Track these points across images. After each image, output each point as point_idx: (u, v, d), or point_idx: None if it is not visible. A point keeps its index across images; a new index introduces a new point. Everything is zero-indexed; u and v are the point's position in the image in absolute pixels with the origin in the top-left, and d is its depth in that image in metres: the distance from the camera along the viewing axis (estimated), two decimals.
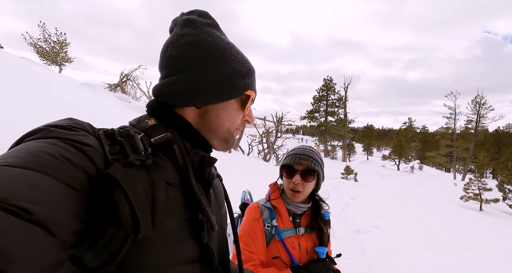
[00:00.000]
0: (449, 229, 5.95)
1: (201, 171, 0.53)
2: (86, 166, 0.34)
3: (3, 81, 5.06)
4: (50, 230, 0.27)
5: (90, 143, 0.37)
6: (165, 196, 0.41)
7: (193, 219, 0.47)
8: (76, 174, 0.33)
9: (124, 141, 0.40)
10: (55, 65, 20.28)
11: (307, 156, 1.08)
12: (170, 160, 0.47)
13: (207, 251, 0.48)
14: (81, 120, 0.42)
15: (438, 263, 3.79)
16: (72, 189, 0.31)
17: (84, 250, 0.32)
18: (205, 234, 0.47)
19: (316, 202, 1.15)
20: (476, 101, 30.24)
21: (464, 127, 31.75)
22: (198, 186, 0.51)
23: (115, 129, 0.42)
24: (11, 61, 7.66)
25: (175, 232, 0.43)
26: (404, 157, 34.07)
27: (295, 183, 1.04)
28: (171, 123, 0.51)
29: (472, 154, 29.83)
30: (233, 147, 13.44)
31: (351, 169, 14.12)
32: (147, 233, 0.36)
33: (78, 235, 0.31)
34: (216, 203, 0.61)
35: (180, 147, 0.48)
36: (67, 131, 0.37)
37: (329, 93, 34.72)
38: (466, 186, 11.65)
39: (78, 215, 0.31)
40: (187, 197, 0.47)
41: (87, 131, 0.39)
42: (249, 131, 33.40)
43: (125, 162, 0.38)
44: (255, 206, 1.10)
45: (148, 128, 0.48)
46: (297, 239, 1.05)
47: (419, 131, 59.05)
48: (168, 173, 0.45)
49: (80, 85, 9.80)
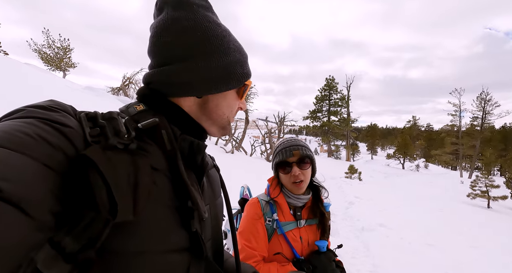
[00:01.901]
0: (455, 227, 5.87)
1: (192, 158, 0.52)
2: (65, 146, 0.33)
3: (10, 87, 5.16)
4: (23, 209, 0.26)
5: (69, 124, 0.35)
6: (150, 181, 0.39)
7: (182, 206, 0.45)
8: (53, 154, 0.31)
9: (106, 124, 0.38)
10: (59, 71, 20.59)
11: (296, 145, 1.08)
12: (157, 145, 0.45)
13: (197, 240, 0.46)
14: (64, 102, 0.41)
15: (443, 261, 3.73)
16: (48, 168, 0.30)
17: (63, 234, 0.31)
18: (194, 222, 0.45)
19: (315, 189, 1.15)
20: (482, 98, 29.78)
21: (470, 124, 31.31)
22: (190, 174, 0.50)
23: (98, 112, 0.40)
24: (17, 66, 7.80)
25: (161, 219, 0.41)
26: (409, 155, 33.71)
27: (296, 175, 1.04)
28: (161, 109, 0.50)
29: (478, 151, 29.36)
30: (235, 148, 13.45)
31: (355, 168, 14.00)
32: (127, 217, 0.34)
33: (56, 217, 0.30)
34: (210, 193, 0.59)
35: (168, 132, 0.47)
36: (46, 111, 0.35)
37: (332, 92, 34.57)
38: (473, 183, 11.47)
39: (56, 196, 0.30)
40: (175, 183, 0.45)
41: (68, 113, 0.38)
42: (252, 132, 33.41)
43: (105, 145, 0.36)
44: (255, 201, 1.10)
45: (136, 113, 0.47)
46: (299, 232, 1.05)
47: (423, 129, 58.48)
48: (155, 158, 0.43)
49: (83, 89, 9.93)
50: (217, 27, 0.52)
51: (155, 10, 0.54)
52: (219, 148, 11.89)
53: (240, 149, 14.34)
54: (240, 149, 14.34)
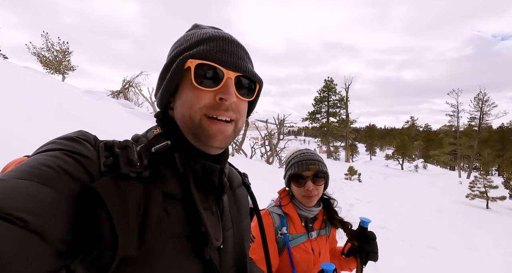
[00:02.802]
0: (455, 228, 5.91)
1: (208, 180, 0.48)
2: (83, 177, 0.34)
3: (9, 90, 5.16)
4: (44, 237, 0.28)
5: (88, 155, 0.37)
6: (161, 210, 0.39)
7: (195, 233, 0.43)
8: (73, 185, 0.33)
9: (120, 153, 0.39)
10: (58, 74, 20.55)
11: (313, 160, 1.08)
12: (171, 169, 0.45)
13: (211, 270, 0.44)
14: (90, 132, 0.42)
15: (445, 263, 3.77)
16: (68, 199, 0.32)
17: (78, 263, 0.32)
18: (207, 250, 0.43)
19: (326, 202, 1.17)
20: (479, 98, 30.04)
21: (468, 124, 31.52)
22: (208, 196, 0.49)
23: (116, 141, 0.41)
24: (16, 70, 7.80)
25: (172, 250, 0.40)
26: (408, 156, 33.83)
27: (309, 190, 1.04)
28: (173, 132, 0.49)
29: (476, 152, 29.53)
30: (236, 151, 13.46)
31: (355, 169, 14.05)
32: (129, 252, 0.34)
33: (70, 245, 0.31)
34: (236, 214, 0.56)
35: (181, 155, 0.46)
36: (71, 143, 0.37)
37: (330, 94, 34.71)
38: (471, 184, 11.53)
39: (70, 223, 0.32)
40: (188, 209, 0.43)
41: (90, 143, 0.39)
42: (252, 134, 33.45)
43: (117, 174, 0.37)
44: (267, 213, 1.09)
45: (153, 137, 0.47)
46: (310, 244, 1.06)
47: (422, 129, 58.70)
48: (169, 184, 0.43)
49: (83, 93, 9.93)
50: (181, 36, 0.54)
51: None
52: None
53: (240, 151, 14.36)
54: (240, 151, 14.36)
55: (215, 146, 0.47)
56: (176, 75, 0.47)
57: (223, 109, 0.46)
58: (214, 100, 0.46)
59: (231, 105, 0.47)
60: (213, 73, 0.46)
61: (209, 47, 0.46)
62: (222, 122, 0.46)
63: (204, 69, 0.45)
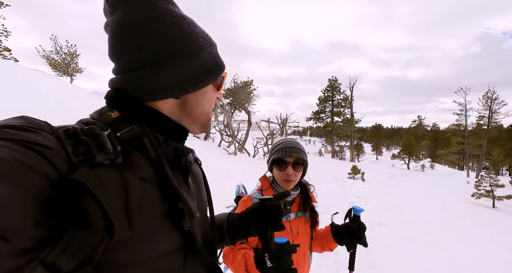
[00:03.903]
0: (456, 226, 5.86)
1: (178, 161, 0.52)
2: (46, 170, 0.31)
3: (20, 93, 5.40)
4: (4, 237, 0.27)
5: (48, 144, 0.33)
6: (140, 193, 0.40)
7: (173, 209, 0.46)
8: (34, 179, 0.30)
9: (89, 140, 0.36)
10: (66, 76, 21.12)
11: (295, 148, 1.18)
12: (142, 153, 0.44)
13: (189, 238, 0.48)
14: (36, 118, 0.38)
15: (443, 259, 3.77)
16: (29, 195, 0.29)
17: (57, 255, 0.31)
18: (186, 221, 0.47)
19: (303, 187, 1.27)
20: (488, 96, 29.36)
21: (476, 123, 30.86)
22: (177, 176, 0.51)
23: (77, 127, 0.38)
24: (26, 73, 8.11)
25: (155, 227, 0.42)
26: (414, 155, 33.34)
27: (289, 174, 1.14)
28: (139, 116, 0.48)
29: (485, 151, 28.90)
30: (238, 150, 13.58)
31: (358, 168, 13.97)
32: (123, 234, 0.35)
33: (40, 242, 0.30)
34: (196, 189, 0.60)
35: (151, 140, 0.46)
36: (20, 131, 0.32)
37: (335, 93, 34.47)
38: (477, 183, 11.34)
39: (38, 221, 0.30)
40: (164, 189, 0.45)
41: (45, 131, 0.35)
42: (255, 134, 33.51)
43: (92, 164, 0.35)
44: (248, 199, 1.20)
45: (112, 121, 0.45)
46: (289, 224, 1.16)
47: (429, 129, 57.74)
48: (142, 168, 0.43)
49: (89, 94, 10.21)
50: (183, 21, 0.48)
51: (106, 6, 0.48)
52: (222, 149, 12.04)
53: (243, 150, 14.48)
54: (243, 150, 14.48)
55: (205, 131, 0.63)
56: (214, 80, 0.55)
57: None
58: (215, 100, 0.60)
59: None
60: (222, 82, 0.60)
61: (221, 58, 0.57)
62: None
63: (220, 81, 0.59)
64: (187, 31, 0.48)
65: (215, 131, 15.31)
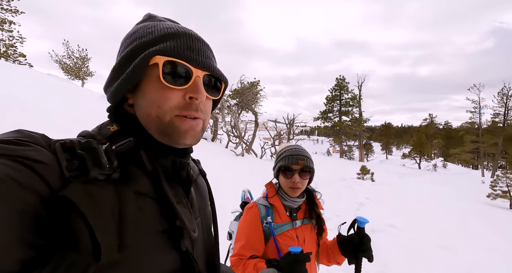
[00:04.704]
0: (470, 228, 5.67)
1: (177, 174, 0.49)
2: (37, 186, 0.30)
3: (35, 97, 5.61)
4: None
5: (41, 159, 0.32)
6: (136, 210, 0.38)
7: (171, 227, 0.43)
8: (24, 197, 0.29)
9: (85, 155, 0.35)
10: (78, 79, 21.76)
11: (302, 155, 1.17)
12: (139, 167, 0.43)
13: (188, 259, 0.46)
14: (33, 131, 0.37)
15: (456, 263, 3.66)
16: (18, 214, 0.28)
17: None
18: (183, 242, 0.44)
19: (309, 194, 1.26)
20: (503, 93, 28.30)
21: (491, 121, 29.80)
22: (177, 189, 0.49)
23: (75, 141, 0.37)
24: (40, 78, 8.41)
25: (150, 246, 0.40)
26: (426, 154, 32.51)
27: (295, 182, 1.14)
28: (134, 129, 0.46)
29: (501, 149, 27.85)
30: (246, 151, 13.60)
31: (367, 168, 13.74)
32: (111, 256, 0.33)
33: (27, 264, 0.29)
34: (200, 203, 0.57)
35: (147, 153, 0.45)
36: (14, 146, 0.31)
37: (342, 92, 34.03)
38: (493, 183, 10.97)
39: (26, 242, 0.28)
40: (162, 204, 0.43)
41: (40, 145, 0.34)
42: (262, 134, 33.52)
43: (86, 179, 0.34)
44: (253, 205, 1.19)
45: (110, 135, 0.44)
46: (295, 231, 1.15)
47: (441, 127, 56.16)
48: (138, 182, 0.41)
49: (100, 97, 10.46)
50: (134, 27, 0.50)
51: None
52: (230, 151, 12.09)
53: (250, 151, 14.49)
54: (250, 151, 14.49)
55: (187, 143, 0.47)
56: (140, 70, 0.44)
57: (194, 108, 0.45)
58: (183, 100, 0.45)
59: (200, 104, 0.46)
60: (182, 71, 0.44)
61: (177, 43, 0.45)
62: (191, 119, 0.46)
63: (172, 66, 0.44)
64: (128, 32, 0.50)
65: (222, 132, 15.39)
